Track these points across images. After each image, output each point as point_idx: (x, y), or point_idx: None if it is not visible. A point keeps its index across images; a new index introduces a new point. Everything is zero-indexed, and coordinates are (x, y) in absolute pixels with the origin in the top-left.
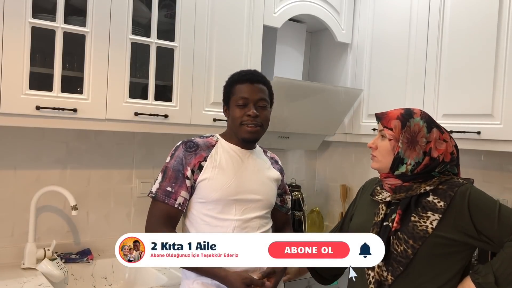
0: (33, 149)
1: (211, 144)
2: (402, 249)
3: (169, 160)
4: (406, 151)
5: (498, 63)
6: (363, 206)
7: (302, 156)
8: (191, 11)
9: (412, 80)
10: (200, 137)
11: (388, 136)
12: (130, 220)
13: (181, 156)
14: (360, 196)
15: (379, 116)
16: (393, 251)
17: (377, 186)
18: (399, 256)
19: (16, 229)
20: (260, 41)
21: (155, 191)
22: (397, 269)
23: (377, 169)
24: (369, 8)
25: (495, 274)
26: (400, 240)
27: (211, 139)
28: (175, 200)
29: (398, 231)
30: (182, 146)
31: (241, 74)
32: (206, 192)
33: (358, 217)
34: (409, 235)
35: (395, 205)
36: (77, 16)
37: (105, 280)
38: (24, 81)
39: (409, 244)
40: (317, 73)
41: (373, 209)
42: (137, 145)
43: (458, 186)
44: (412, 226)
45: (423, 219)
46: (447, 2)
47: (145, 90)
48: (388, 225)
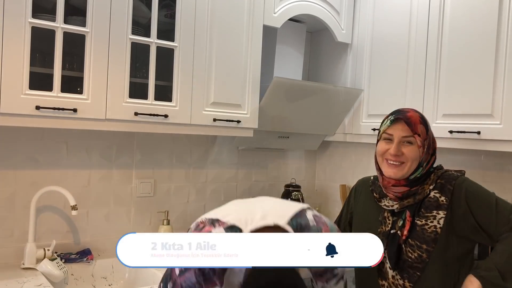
0: (33, 149)
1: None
2: (416, 255)
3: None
4: (425, 155)
5: (498, 63)
6: (364, 212)
7: (302, 156)
8: (191, 11)
9: (412, 80)
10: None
11: (418, 142)
12: (130, 220)
13: (193, 281)
14: (356, 200)
15: (407, 122)
16: (407, 258)
17: (373, 190)
18: (415, 262)
19: (16, 229)
20: (260, 41)
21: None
22: (414, 275)
23: (400, 177)
24: (369, 8)
25: (496, 266)
26: (413, 247)
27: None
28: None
29: (408, 238)
30: (196, 271)
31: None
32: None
33: (361, 224)
34: (421, 240)
35: (400, 212)
36: (77, 16)
37: (105, 280)
38: (24, 81)
39: (423, 249)
40: (317, 73)
41: (376, 215)
42: (137, 145)
43: (455, 179)
44: (421, 230)
45: (430, 220)
46: (447, 2)
47: (145, 90)
48: (396, 233)
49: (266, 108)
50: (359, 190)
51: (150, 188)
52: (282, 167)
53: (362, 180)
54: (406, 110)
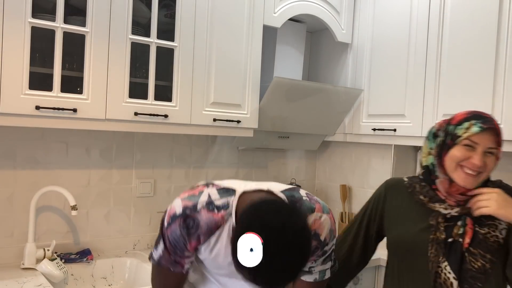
0: (33, 149)
1: (217, 225)
2: (479, 264)
3: (166, 226)
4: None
5: (498, 63)
6: (404, 213)
7: (302, 156)
8: (191, 11)
9: (412, 80)
10: (209, 207)
11: (498, 154)
12: (130, 220)
13: (178, 235)
14: (385, 205)
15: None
16: (471, 268)
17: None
18: (478, 273)
19: (16, 229)
20: (260, 41)
21: (157, 258)
22: (475, 285)
23: (473, 187)
24: (369, 8)
25: None
26: (476, 256)
27: (221, 217)
28: (182, 268)
29: (470, 246)
30: (180, 222)
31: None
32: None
33: (401, 226)
34: (485, 249)
35: (453, 218)
36: (77, 16)
37: (105, 280)
38: (24, 81)
39: (487, 258)
40: (317, 73)
41: (422, 218)
42: (137, 145)
43: (510, 188)
44: (484, 238)
45: (492, 228)
46: (447, 2)
47: (145, 90)
48: (457, 241)
49: (266, 108)
50: (391, 195)
51: (150, 188)
52: (282, 167)
53: (392, 184)
54: (490, 118)
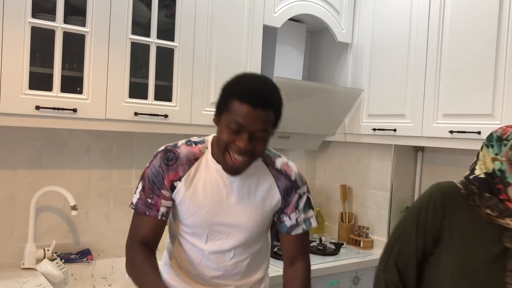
0: (33, 149)
1: (195, 157)
2: None
3: (148, 166)
4: None
5: (498, 63)
6: (469, 232)
7: (302, 156)
8: (191, 11)
9: (412, 80)
10: (188, 142)
11: None
12: (130, 220)
13: (157, 168)
14: (450, 214)
15: None
16: None
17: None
18: None
19: (16, 229)
20: (260, 41)
21: (135, 201)
22: None
23: None
24: (369, 8)
25: None
26: None
27: (198, 149)
28: (157, 212)
29: None
30: (161, 155)
31: (244, 88)
32: (177, 213)
33: (468, 250)
34: None
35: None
36: (77, 16)
37: (104, 280)
38: (24, 81)
39: None
40: (317, 73)
41: (494, 239)
42: (137, 145)
43: None
44: None
45: None
46: (447, 2)
47: (145, 90)
48: None
49: None
50: (449, 206)
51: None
52: None
53: (448, 193)
54: None
